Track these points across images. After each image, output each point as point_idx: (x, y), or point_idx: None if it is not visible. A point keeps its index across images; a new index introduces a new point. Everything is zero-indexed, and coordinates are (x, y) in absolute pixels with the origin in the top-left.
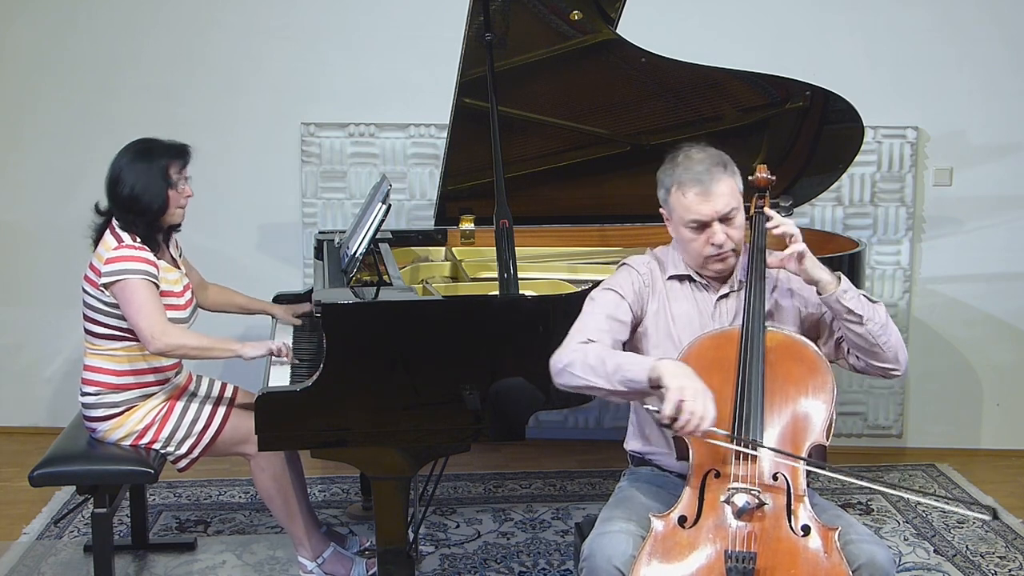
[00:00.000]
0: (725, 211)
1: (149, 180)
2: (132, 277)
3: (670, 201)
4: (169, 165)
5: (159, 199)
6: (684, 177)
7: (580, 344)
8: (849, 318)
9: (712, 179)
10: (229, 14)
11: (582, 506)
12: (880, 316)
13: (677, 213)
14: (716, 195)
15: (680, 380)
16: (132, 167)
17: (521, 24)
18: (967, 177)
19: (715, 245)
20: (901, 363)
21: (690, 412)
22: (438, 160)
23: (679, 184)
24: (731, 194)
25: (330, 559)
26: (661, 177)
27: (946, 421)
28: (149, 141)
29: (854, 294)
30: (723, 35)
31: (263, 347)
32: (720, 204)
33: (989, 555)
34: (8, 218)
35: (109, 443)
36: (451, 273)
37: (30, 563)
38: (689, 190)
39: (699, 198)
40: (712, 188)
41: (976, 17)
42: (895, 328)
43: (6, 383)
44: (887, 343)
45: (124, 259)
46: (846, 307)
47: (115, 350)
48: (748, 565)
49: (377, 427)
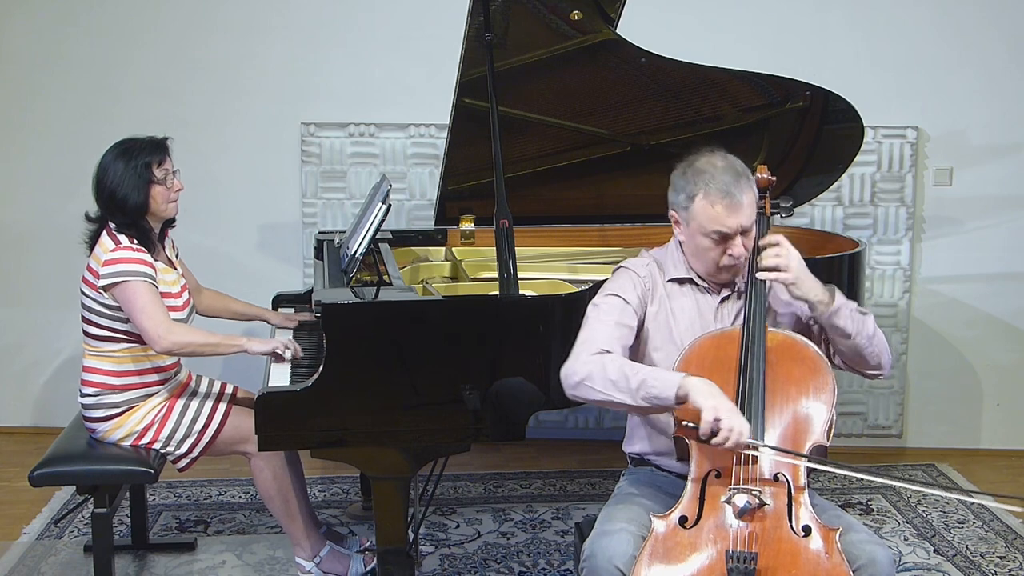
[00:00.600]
0: (748, 223)
1: (128, 179)
2: (132, 279)
3: (693, 208)
4: (150, 163)
5: (138, 196)
6: (712, 187)
7: (595, 356)
8: (836, 334)
9: (740, 190)
10: (229, 14)
11: (582, 506)
12: (868, 329)
13: (698, 222)
14: (742, 208)
15: (712, 400)
16: (112, 166)
17: (521, 24)
18: (967, 177)
19: (733, 256)
20: (884, 367)
21: (728, 429)
22: (438, 160)
23: (706, 193)
24: (752, 206)
25: (327, 558)
26: (680, 183)
27: (946, 421)
28: (127, 140)
29: (846, 312)
30: (723, 35)
31: (268, 344)
32: (745, 217)
33: (989, 555)
34: (8, 218)
35: (109, 443)
36: (451, 273)
37: (30, 563)
38: (718, 201)
39: (727, 210)
40: (740, 201)
41: (976, 17)
42: (881, 335)
43: (6, 383)
44: (871, 352)
45: (122, 261)
46: (836, 325)
47: (113, 351)
48: (749, 565)
49: (377, 427)
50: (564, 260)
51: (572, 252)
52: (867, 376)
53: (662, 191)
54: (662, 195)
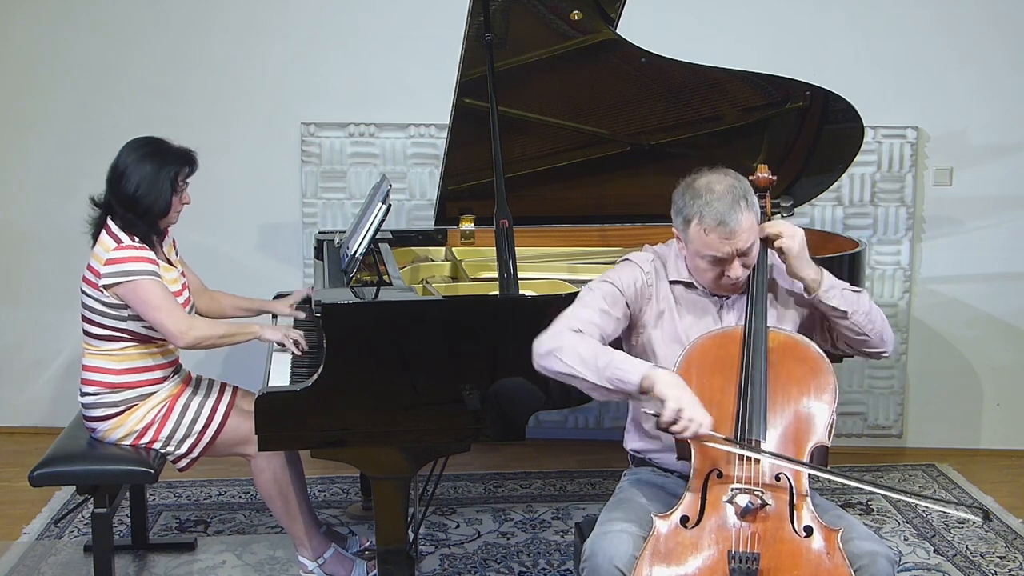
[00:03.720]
0: (745, 247)
1: (155, 183)
2: (141, 278)
3: (689, 233)
4: (179, 172)
5: (162, 203)
6: (706, 212)
7: (571, 331)
8: (833, 314)
9: (735, 217)
10: (229, 14)
11: (582, 506)
12: (863, 305)
13: (694, 246)
14: (739, 233)
15: (676, 391)
16: (140, 167)
17: (521, 24)
18: (967, 177)
19: (730, 278)
20: (887, 343)
21: (689, 419)
22: (438, 160)
23: (700, 219)
24: (751, 230)
25: (331, 560)
26: (679, 204)
27: (946, 421)
28: (160, 143)
29: (836, 291)
30: (723, 35)
31: (279, 332)
32: (740, 242)
33: (989, 555)
34: (8, 218)
35: (109, 443)
36: (451, 273)
37: (30, 563)
38: (712, 231)
39: (721, 238)
40: (735, 228)
41: (976, 17)
42: (878, 311)
43: (6, 383)
44: (872, 330)
45: (127, 260)
46: (829, 305)
47: (114, 350)
48: (752, 566)
49: (377, 427)
50: (564, 260)
51: (572, 252)
52: (874, 356)
53: (662, 191)
54: (662, 195)
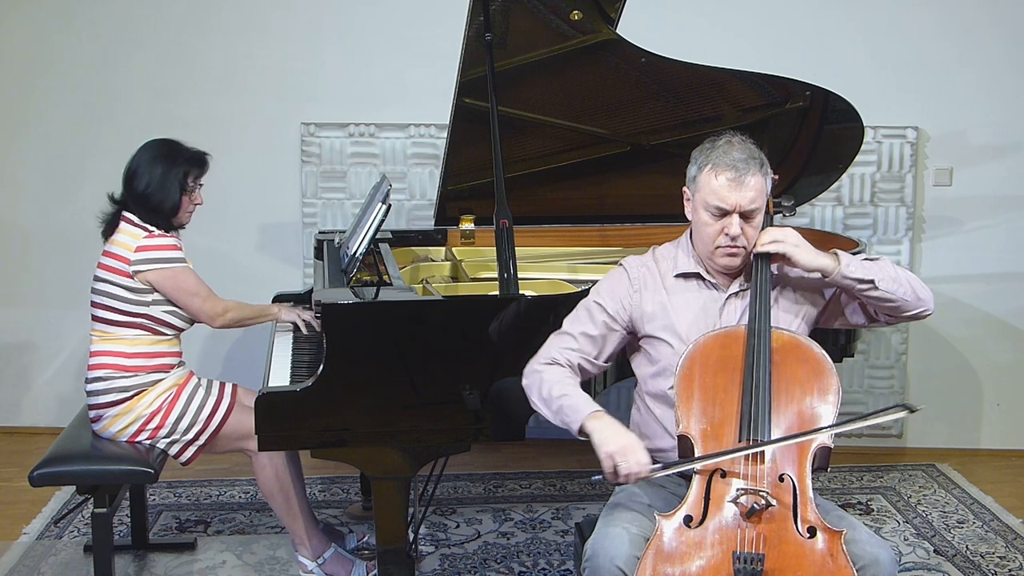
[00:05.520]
0: (749, 207)
1: (165, 182)
2: (176, 265)
3: (699, 180)
4: (188, 173)
5: (170, 203)
6: (720, 160)
7: (544, 365)
8: (861, 287)
9: (747, 170)
10: (228, 14)
11: (582, 506)
12: (887, 270)
13: (702, 194)
14: (745, 187)
15: (607, 446)
16: (151, 167)
17: (521, 24)
18: (967, 177)
19: (729, 236)
20: (924, 301)
21: (627, 470)
22: (438, 160)
23: (714, 165)
24: (758, 191)
25: (331, 560)
26: (695, 155)
27: (946, 421)
28: (173, 144)
29: (856, 264)
30: (723, 35)
31: (293, 313)
32: (746, 197)
33: (989, 555)
34: (9, 217)
35: (113, 433)
36: (451, 273)
37: (30, 563)
38: (722, 174)
39: (729, 184)
40: (744, 179)
41: (977, 17)
42: (904, 272)
43: (6, 383)
44: (905, 292)
45: (160, 248)
46: (854, 279)
47: (126, 336)
48: (756, 567)
49: (377, 427)
50: (564, 260)
51: (572, 252)
52: (919, 317)
53: (662, 191)
54: (662, 195)
